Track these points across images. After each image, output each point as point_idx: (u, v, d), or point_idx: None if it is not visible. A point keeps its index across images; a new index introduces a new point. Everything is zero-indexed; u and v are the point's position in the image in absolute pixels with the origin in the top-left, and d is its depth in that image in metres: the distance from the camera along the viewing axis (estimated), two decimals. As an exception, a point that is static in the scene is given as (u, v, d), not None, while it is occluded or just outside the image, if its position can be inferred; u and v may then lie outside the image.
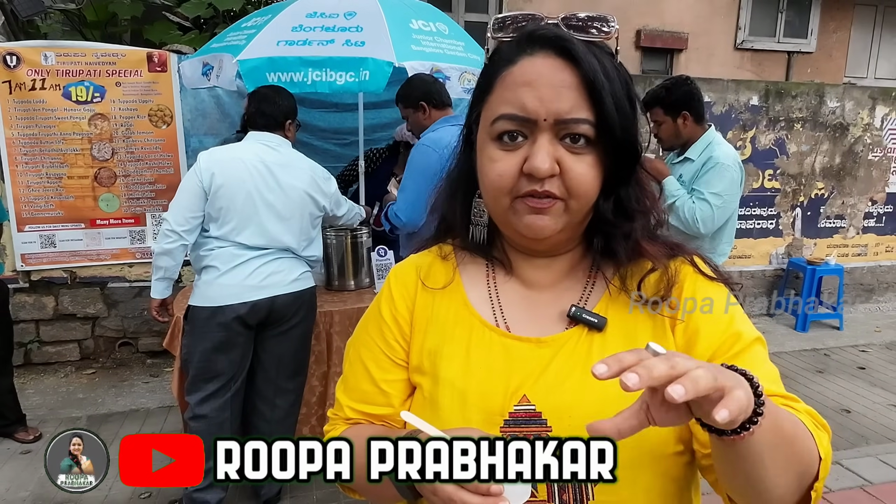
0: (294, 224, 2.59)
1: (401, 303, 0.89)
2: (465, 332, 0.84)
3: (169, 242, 2.47)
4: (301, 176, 2.61)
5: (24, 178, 3.99)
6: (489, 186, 0.78)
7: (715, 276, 0.83)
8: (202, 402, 2.55)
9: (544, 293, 0.85)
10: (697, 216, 2.74)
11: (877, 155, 5.74)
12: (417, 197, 2.79)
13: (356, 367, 0.91)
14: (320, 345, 2.98)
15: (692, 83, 2.89)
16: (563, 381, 0.78)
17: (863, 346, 5.01)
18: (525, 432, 0.77)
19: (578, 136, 0.74)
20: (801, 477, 0.69)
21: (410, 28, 3.17)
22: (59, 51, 3.92)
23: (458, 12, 6.89)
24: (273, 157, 2.57)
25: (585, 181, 0.75)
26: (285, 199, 2.55)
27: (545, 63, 0.75)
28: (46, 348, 4.35)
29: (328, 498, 2.88)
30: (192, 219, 2.47)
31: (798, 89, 5.48)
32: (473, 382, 0.80)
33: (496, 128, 0.76)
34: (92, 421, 3.62)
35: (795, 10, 7.83)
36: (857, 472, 3.06)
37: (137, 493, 2.92)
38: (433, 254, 0.93)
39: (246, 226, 2.50)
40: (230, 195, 2.46)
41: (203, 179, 2.45)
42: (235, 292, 2.49)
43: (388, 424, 0.88)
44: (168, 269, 2.53)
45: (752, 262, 5.61)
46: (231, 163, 2.50)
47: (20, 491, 2.94)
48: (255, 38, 2.99)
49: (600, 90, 0.73)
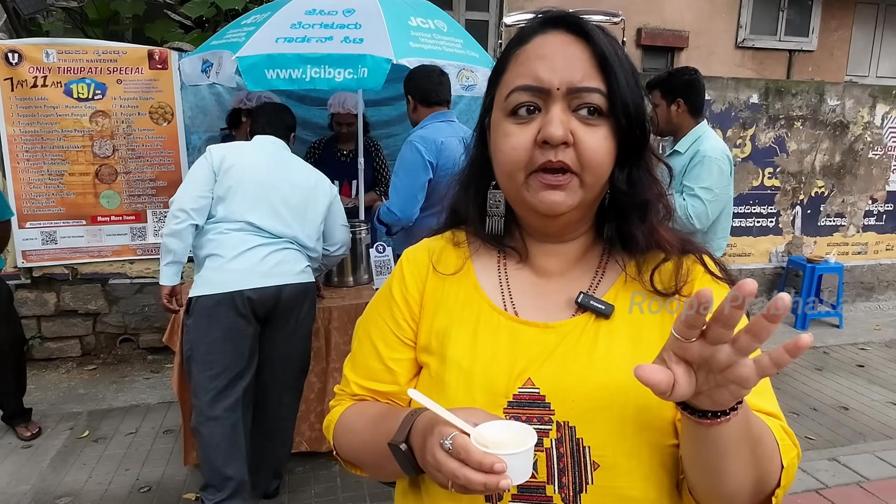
0: (302, 215, 2.59)
1: (412, 284, 0.91)
2: (474, 315, 0.85)
3: (178, 223, 2.41)
4: (308, 176, 2.66)
5: (25, 175, 4.01)
6: (504, 161, 0.79)
7: (723, 276, 0.84)
8: (213, 402, 2.44)
9: (554, 281, 0.87)
10: (690, 212, 2.75)
11: (877, 153, 5.74)
12: (408, 191, 2.86)
13: (364, 345, 0.93)
14: (319, 341, 2.99)
15: (697, 75, 2.92)
16: (568, 365, 0.79)
17: (862, 344, 5.01)
18: (528, 414, 0.78)
19: (592, 107, 0.76)
20: (758, 480, 0.71)
21: (409, 25, 3.18)
22: (61, 48, 3.94)
23: (459, 11, 6.90)
24: (282, 155, 2.64)
25: (599, 153, 0.76)
26: (294, 190, 2.57)
27: (557, 38, 0.78)
28: (48, 344, 4.37)
29: (327, 493, 2.90)
30: (201, 198, 2.44)
31: (798, 87, 5.48)
32: (479, 364, 0.81)
33: (510, 101, 0.78)
34: (93, 416, 3.64)
35: (797, 8, 7.82)
36: (854, 469, 3.07)
37: (137, 488, 2.94)
38: (446, 239, 0.94)
39: (257, 206, 2.48)
40: (240, 175, 2.47)
41: (214, 161, 2.46)
42: (244, 277, 2.44)
43: (393, 402, 0.90)
44: (177, 251, 2.46)
45: (751, 260, 5.61)
46: (241, 149, 2.57)
47: (21, 485, 2.96)
48: (254, 35, 3.00)
49: (612, 64, 0.76)
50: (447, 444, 0.66)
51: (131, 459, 3.18)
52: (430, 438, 0.69)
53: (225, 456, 2.46)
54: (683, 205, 2.76)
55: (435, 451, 0.67)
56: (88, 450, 3.28)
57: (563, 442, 0.77)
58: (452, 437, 0.66)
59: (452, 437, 0.66)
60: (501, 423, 0.70)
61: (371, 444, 0.84)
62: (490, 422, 0.69)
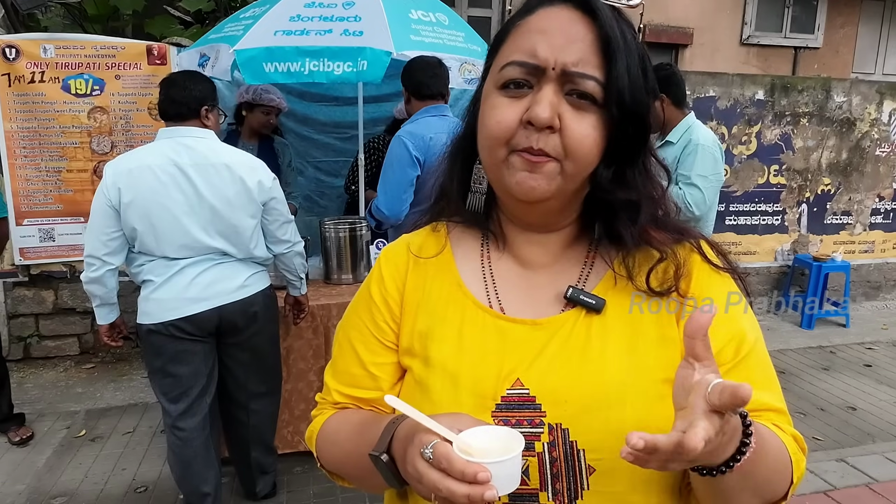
0: (225, 229, 2.31)
1: (391, 283, 0.86)
2: (458, 314, 0.81)
3: (93, 270, 2.26)
4: (221, 176, 2.28)
5: (22, 172, 3.96)
6: (487, 134, 0.75)
7: (722, 265, 0.80)
8: (179, 423, 2.39)
9: (540, 273, 0.82)
10: (689, 200, 2.82)
11: (884, 150, 5.68)
12: (396, 188, 2.78)
13: (345, 350, 0.88)
14: (318, 339, 2.95)
15: (672, 68, 3.03)
16: (560, 364, 0.75)
17: (869, 344, 4.95)
18: (518, 417, 0.73)
19: (584, 93, 0.71)
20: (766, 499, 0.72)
21: (409, 18, 3.14)
22: (59, 43, 3.90)
23: (462, 7, 6.86)
24: (188, 158, 2.25)
25: (585, 142, 0.71)
26: (207, 205, 2.27)
27: (562, 13, 0.73)
28: (46, 342, 4.34)
29: (325, 493, 2.86)
30: (110, 241, 2.24)
31: (804, 84, 5.42)
32: (465, 365, 0.77)
33: (504, 74, 0.73)
34: (90, 415, 3.60)
35: (802, 5, 7.76)
36: (862, 470, 3.02)
37: (133, 488, 2.90)
38: (426, 231, 0.90)
39: (168, 239, 2.25)
40: (143, 212, 2.21)
41: (111, 197, 2.21)
42: (173, 306, 2.28)
43: (377, 409, 0.85)
44: (102, 296, 2.32)
45: (757, 258, 5.55)
46: (139, 173, 2.22)
47: (16, 484, 2.93)
48: (253, 29, 2.96)
49: (614, 49, 0.70)
50: (427, 453, 0.61)
51: (128, 459, 3.14)
52: (411, 448, 0.64)
53: (200, 474, 2.45)
54: (680, 194, 2.82)
55: (415, 461, 0.63)
56: (85, 449, 3.24)
57: (556, 446, 0.72)
58: (433, 446, 0.61)
59: (433, 446, 0.61)
60: (487, 428, 0.65)
61: (354, 456, 0.79)
62: (475, 428, 0.64)
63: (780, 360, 4.57)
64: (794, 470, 0.73)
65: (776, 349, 4.79)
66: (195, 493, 2.46)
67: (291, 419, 3.00)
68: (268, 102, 3.70)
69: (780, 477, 0.72)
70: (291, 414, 2.99)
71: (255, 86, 3.64)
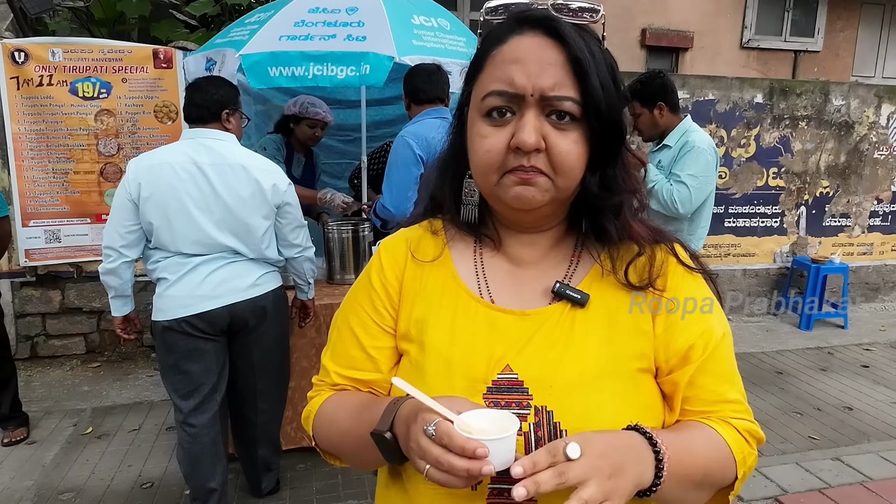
0: (238, 227, 2.38)
1: (390, 272, 0.92)
2: (452, 303, 0.87)
3: (110, 262, 2.35)
4: (238, 177, 2.36)
5: (30, 174, 4.03)
6: (479, 162, 0.81)
7: (695, 266, 0.88)
8: (190, 420, 2.44)
9: (530, 269, 0.88)
10: (675, 197, 2.87)
11: (882, 153, 5.72)
12: (401, 187, 2.85)
13: (344, 334, 0.93)
14: (321, 337, 2.99)
15: (665, 76, 3.06)
16: (545, 352, 0.81)
17: (867, 345, 4.98)
18: (507, 399, 0.79)
19: (564, 113, 0.76)
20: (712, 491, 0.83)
21: (412, 23, 3.19)
22: (66, 47, 3.97)
23: (464, 11, 6.92)
24: (207, 158, 2.34)
25: (570, 158, 0.77)
26: (222, 203, 2.34)
27: (533, 41, 0.78)
28: (52, 342, 4.39)
29: (328, 489, 2.90)
30: (128, 233, 2.33)
31: (803, 87, 5.46)
32: (458, 350, 0.83)
33: (486, 104, 0.79)
34: (96, 413, 3.65)
35: (802, 8, 7.80)
36: (857, 469, 3.06)
37: (139, 484, 2.95)
38: (423, 228, 0.95)
39: (183, 235, 2.33)
40: (160, 207, 2.30)
41: (131, 191, 2.30)
42: (185, 303, 2.34)
43: (374, 391, 0.91)
44: (117, 287, 2.40)
45: (756, 260, 5.59)
46: (159, 169, 2.31)
47: (24, 480, 2.98)
48: (258, 34, 3.02)
49: (586, 69, 0.76)
50: (430, 430, 0.67)
51: (134, 456, 3.19)
52: (414, 426, 0.70)
53: (207, 470, 2.50)
54: (670, 190, 2.89)
55: (419, 438, 0.68)
56: (92, 446, 3.29)
57: (542, 426, 0.78)
58: (436, 424, 0.67)
59: (436, 424, 0.67)
60: (485, 411, 0.71)
61: (354, 434, 0.84)
62: (473, 410, 0.71)
63: (779, 360, 4.61)
64: (739, 462, 0.81)
65: (775, 350, 4.82)
66: (202, 489, 2.51)
67: (294, 416, 3.04)
68: (313, 116, 3.73)
69: (721, 472, 0.81)
70: (294, 411, 3.03)
71: (301, 98, 3.72)
